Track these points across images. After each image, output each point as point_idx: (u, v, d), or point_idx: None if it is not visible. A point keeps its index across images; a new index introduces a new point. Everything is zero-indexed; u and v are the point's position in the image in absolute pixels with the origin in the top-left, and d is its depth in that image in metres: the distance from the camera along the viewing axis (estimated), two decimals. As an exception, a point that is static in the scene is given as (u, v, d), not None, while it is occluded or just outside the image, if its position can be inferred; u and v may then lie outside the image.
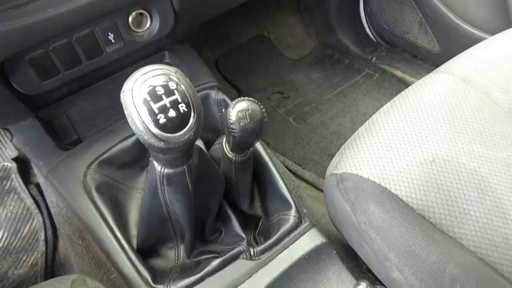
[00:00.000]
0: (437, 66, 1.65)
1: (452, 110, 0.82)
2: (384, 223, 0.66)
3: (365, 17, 1.83)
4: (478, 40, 1.36)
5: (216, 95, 0.96)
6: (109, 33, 0.78)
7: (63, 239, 1.22)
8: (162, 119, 0.46)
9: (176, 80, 0.48)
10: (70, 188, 0.82)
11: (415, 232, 0.65)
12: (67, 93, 0.94)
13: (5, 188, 1.50)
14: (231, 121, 0.63)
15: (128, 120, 0.48)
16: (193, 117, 0.48)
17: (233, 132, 0.63)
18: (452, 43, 1.46)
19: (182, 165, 0.56)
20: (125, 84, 0.48)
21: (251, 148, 0.74)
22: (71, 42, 0.74)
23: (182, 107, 0.47)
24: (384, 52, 1.83)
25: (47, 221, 1.39)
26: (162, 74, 0.48)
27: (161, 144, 0.47)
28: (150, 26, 0.84)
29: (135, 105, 0.45)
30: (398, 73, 1.73)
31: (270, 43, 1.97)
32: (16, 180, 1.49)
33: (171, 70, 0.50)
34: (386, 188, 0.72)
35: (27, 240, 1.38)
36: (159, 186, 0.60)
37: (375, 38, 1.86)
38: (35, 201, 1.45)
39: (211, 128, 0.97)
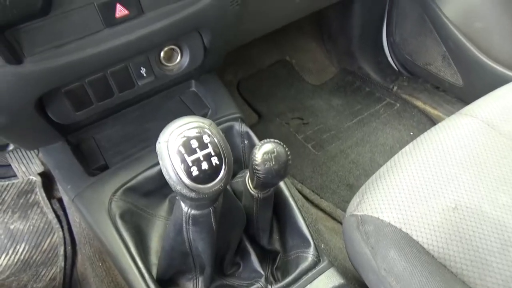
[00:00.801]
0: (460, 99, 1.65)
1: (476, 155, 0.82)
2: (405, 272, 0.66)
3: (388, 47, 1.85)
4: (502, 77, 1.35)
5: (239, 127, 0.97)
6: (142, 68, 0.81)
7: (83, 258, 1.25)
8: (195, 171, 0.48)
9: (210, 133, 0.50)
10: (95, 214, 0.85)
11: (436, 283, 0.64)
12: (96, 119, 0.97)
13: (29, 201, 1.55)
14: (257, 163, 0.64)
15: (162, 170, 0.50)
16: (224, 169, 0.50)
17: (258, 173, 0.65)
18: (476, 78, 1.45)
19: (208, 207, 0.58)
20: (161, 135, 0.50)
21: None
22: (106, 76, 0.77)
23: (215, 160, 0.49)
24: (406, 82, 1.83)
25: (67, 236, 1.43)
26: (196, 127, 0.50)
27: (192, 194, 0.49)
28: (180, 61, 0.87)
29: (170, 157, 0.47)
30: (419, 103, 1.73)
31: (292, 68, 2.00)
32: (40, 194, 1.54)
33: (205, 123, 0.52)
34: (407, 234, 0.72)
35: (47, 255, 1.42)
36: (184, 225, 0.61)
37: (397, 68, 1.87)
38: (57, 216, 1.49)
39: (234, 159, 0.99)
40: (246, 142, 0.98)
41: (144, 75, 0.82)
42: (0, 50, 0.59)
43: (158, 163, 0.90)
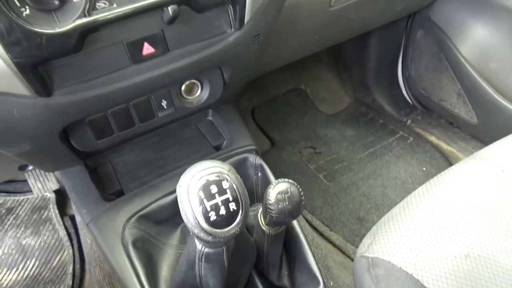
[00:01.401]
0: (474, 137, 1.64)
1: (490, 202, 0.82)
2: (415, 320, 0.66)
3: (403, 80, 1.86)
4: (518, 118, 1.35)
5: (254, 160, 0.99)
6: (163, 100, 0.84)
7: (91, 280, 1.26)
8: (213, 216, 0.49)
9: (229, 178, 0.52)
10: (108, 240, 0.86)
11: (447, 334, 0.64)
12: (115, 144, 1.00)
13: (42, 217, 1.57)
14: (270, 202, 0.65)
15: (181, 212, 0.51)
16: (241, 214, 0.52)
17: (271, 212, 0.66)
18: (491, 117, 1.45)
19: (222, 246, 0.59)
20: (182, 178, 0.51)
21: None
22: (128, 107, 0.80)
23: (232, 206, 0.50)
24: (420, 116, 1.84)
25: (77, 255, 1.44)
26: (216, 172, 0.51)
27: (209, 238, 0.50)
28: (200, 94, 0.90)
29: (189, 201, 0.49)
30: (433, 139, 1.73)
31: (306, 97, 2.02)
32: (53, 211, 1.57)
33: (224, 168, 0.53)
34: (418, 280, 0.71)
35: (56, 272, 1.43)
36: (196, 261, 0.62)
37: (412, 101, 1.87)
38: (68, 234, 1.51)
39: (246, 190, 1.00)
40: (259, 174, 1.00)
41: (165, 107, 0.85)
42: (32, 83, 0.62)
43: (172, 192, 0.92)
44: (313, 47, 1.32)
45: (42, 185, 1.58)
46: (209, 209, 0.49)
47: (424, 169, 1.60)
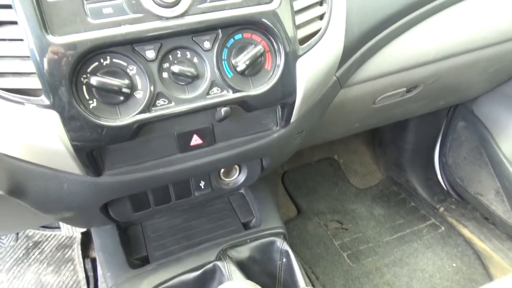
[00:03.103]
0: (511, 238, 1.57)
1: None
2: None
3: (439, 166, 1.83)
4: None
5: (280, 245, 0.99)
6: (201, 181, 0.87)
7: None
8: None
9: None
10: (127, 309, 0.87)
11: None
12: (149, 215, 1.03)
13: (65, 256, 1.61)
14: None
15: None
16: None
17: None
18: (530, 223, 1.40)
19: None
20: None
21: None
22: (168, 185, 0.83)
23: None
24: (454, 205, 1.78)
25: (91, 301, 1.45)
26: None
27: None
28: (237, 177, 0.92)
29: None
30: (466, 232, 1.66)
31: (338, 167, 2.02)
32: (77, 252, 1.60)
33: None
34: None
35: (68, 315, 1.43)
36: None
37: (447, 188, 1.83)
38: (86, 277, 1.53)
39: (269, 273, 1.00)
40: (284, 260, 0.99)
41: (202, 187, 0.88)
42: (85, 164, 0.65)
43: (196, 268, 0.92)
44: (352, 131, 1.34)
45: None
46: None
47: (454, 265, 1.53)
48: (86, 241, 1.61)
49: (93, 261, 1.55)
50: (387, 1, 0.82)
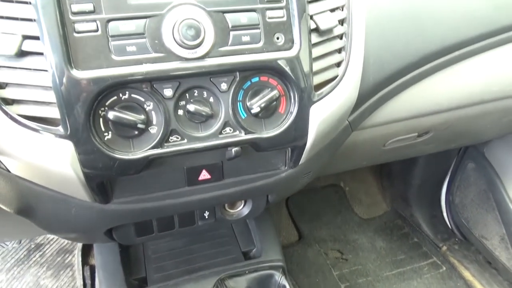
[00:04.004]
0: (512, 286, 1.54)
1: None
2: None
3: (446, 204, 1.82)
4: None
5: (279, 279, 0.99)
6: (206, 211, 0.87)
7: None
8: None
9: None
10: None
11: None
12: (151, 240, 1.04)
13: (65, 261, 1.62)
14: None
15: None
16: None
17: None
18: (534, 274, 1.37)
19: None
20: None
21: None
22: (173, 215, 0.84)
23: None
24: (457, 245, 1.77)
25: (87, 308, 1.45)
26: None
27: None
28: (241, 209, 0.93)
29: None
30: (467, 275, 1.64)
31: (344, 195, 2.02)
32: (77, 258, 1.61)
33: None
34: None
35: (62, 322, 1.44)
36: None
37: (451, 227, 1.82)
38: (84, 284, 1.54)
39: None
40: (281, 294, 0.99)
41: (206, 217, 0.88)
42: (95, 192, 0.67)
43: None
44: (359, 166, 1.34)
45: (74, 232, 1.64)
46: None
47: (452, 308, 1.52)
48: (87, 248, 1.62)
49: (92, 268, 1.56)
50: (403, 52, 0.83)
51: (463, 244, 1.76)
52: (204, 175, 0.74)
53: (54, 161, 0.61)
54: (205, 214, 0.88)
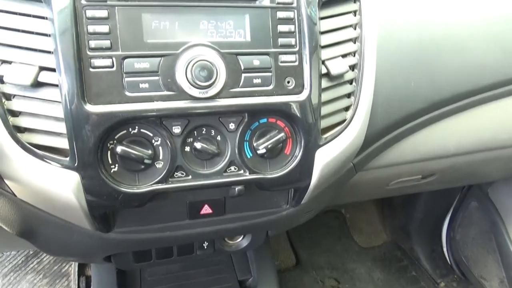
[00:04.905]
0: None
1: None
2: None
3: (446, 240, 1.80)
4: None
5: (272, 313, 0.98)
6: (205, 242, 0.88)
7: None
8: None
9: None
10: None
11: None
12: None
13: (62, 270, 1.62)
14: None
15: None
16: None
17: None
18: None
19: None
20: None
21: None
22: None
23: None
24: (456, 282, 1.75)
25: (79, 320, 1.45)
26: None
27: None
28: (240, 241, 0.93)
29: None
30: (464, 314, 1.62)
31: (344, 222, 2.01)
32: (74, 268, 1.61)
33: None
34: None
35: (53, 332, 1.43)
36: None
37: (451, 263, 1.80)
38: (79, 295, 1.53)
39: None
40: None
41: (205, 247, 0.88)
42: (97, 221, 0.67)
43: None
44: (361, 200, 1.34)
45: (73, 242, 1.64)
46: None
47: None
48: (84, 259, 1.62)
49: (88, 279, 1.56)
50: (412, 98, 0.83)
51: (461, 282, 1.74)
52: (206, 209, 0.74)
53: (59, 190, 0.62)
54: (204, 245, 0.88)
